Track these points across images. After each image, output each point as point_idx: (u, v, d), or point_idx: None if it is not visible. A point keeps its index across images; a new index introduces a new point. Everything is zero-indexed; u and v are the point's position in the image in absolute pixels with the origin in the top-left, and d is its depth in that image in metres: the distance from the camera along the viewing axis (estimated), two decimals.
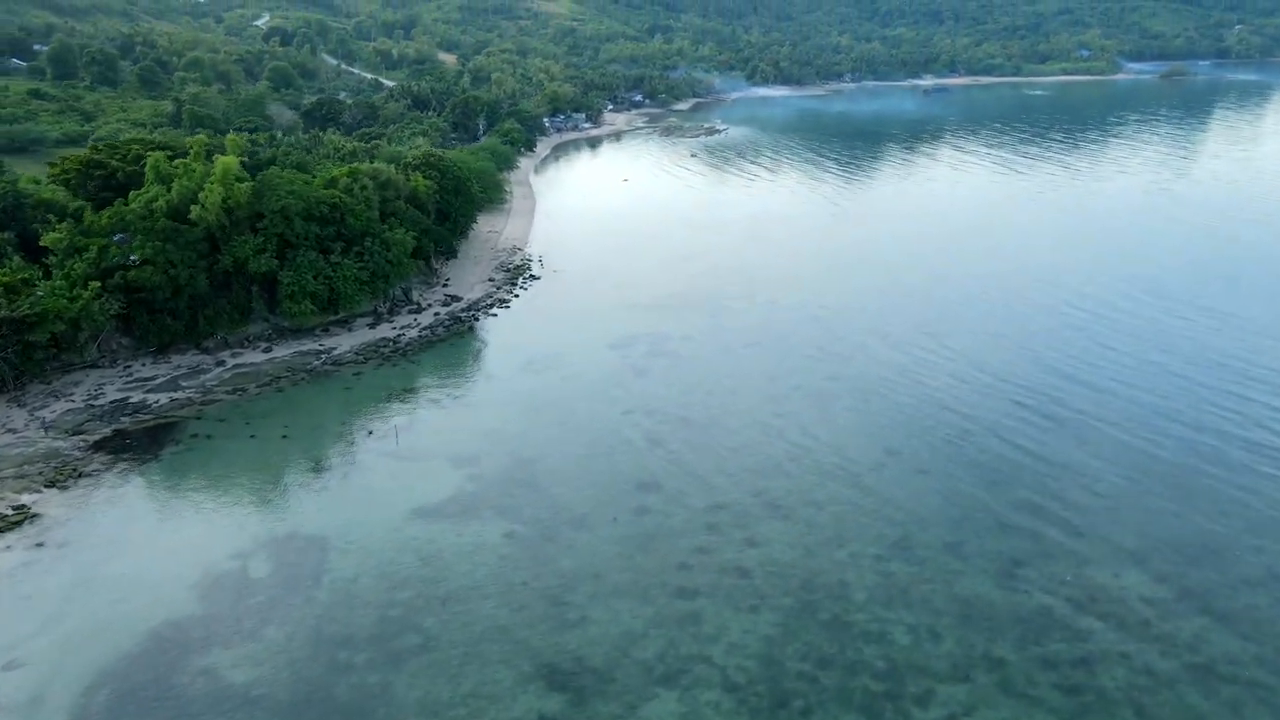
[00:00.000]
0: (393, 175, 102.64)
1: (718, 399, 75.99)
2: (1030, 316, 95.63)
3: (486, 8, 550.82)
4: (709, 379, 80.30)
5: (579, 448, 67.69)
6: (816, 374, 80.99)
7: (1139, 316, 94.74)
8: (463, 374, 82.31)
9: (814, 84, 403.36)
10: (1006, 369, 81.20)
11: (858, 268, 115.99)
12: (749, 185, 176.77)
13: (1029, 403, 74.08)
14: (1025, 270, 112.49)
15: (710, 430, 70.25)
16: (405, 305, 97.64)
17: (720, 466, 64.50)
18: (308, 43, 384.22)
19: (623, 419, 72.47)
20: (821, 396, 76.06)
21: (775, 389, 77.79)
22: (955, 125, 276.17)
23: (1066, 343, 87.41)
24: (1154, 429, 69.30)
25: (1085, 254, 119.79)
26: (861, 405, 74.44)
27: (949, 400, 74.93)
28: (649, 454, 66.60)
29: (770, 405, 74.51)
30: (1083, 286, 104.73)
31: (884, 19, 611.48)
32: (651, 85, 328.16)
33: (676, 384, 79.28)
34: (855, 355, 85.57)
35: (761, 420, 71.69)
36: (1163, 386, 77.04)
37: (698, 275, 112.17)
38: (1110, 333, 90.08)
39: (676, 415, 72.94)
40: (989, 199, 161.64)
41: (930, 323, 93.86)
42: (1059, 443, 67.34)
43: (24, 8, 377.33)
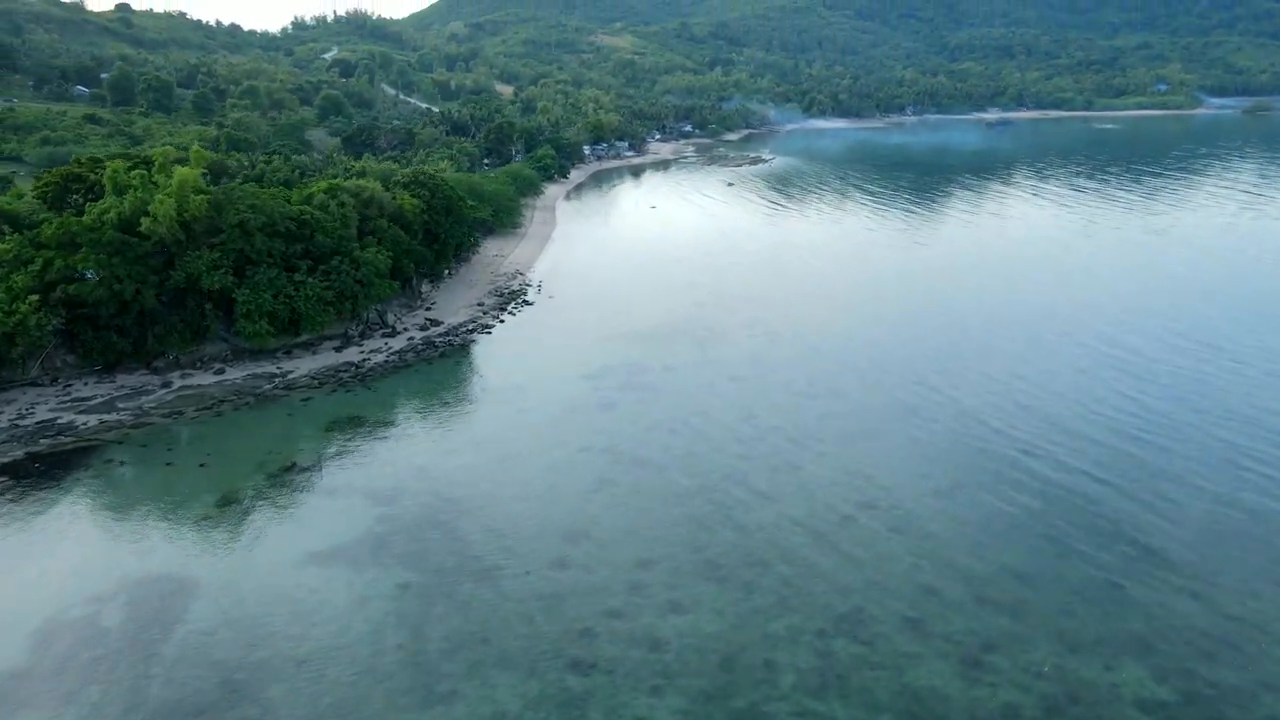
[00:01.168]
0: (377, 193, 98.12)
1: (682, 439, 68.34)
2: (1052, 362, 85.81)
3: (550, 42, 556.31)
4: (679, 415, 72.72)
5: (514, 488, 60.73)
6: (801, 413, 72.77)
7: (1175, 369, 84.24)
8: (415, 403, 76.24)
9: (873, 116, 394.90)
10: (1024, 419, 71.82)
11: (871, 301, 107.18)
12: (777, 214, 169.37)
13: (1039, 453, 64.73)
14: (1049, 310, 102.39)
15: (665, 473, 62.62)
16: (379, 328, 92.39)
17: (665, 515, 56.82)
18: (369, 74, 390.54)
19: (572, 457, 65.41)
20: (799, 440, 67.79)
21: (749, 429, 69.81)
22: (1014, 158, 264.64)
23: (1070, 392, 77.61)
24: (1187, 487, 59.43)
25: (1136, 293, 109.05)
26: (841, 451, 65.95)
27: (942, 452, 65.98)
28: (589, 498, 59.28)
29: (737, 447, 66.57)
30: (1118, 332, 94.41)
31: (952, 54, 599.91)
32: (702, 115, 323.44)
33: (642, 420, 71.91)
34: (850, 394, 77.10)
35: (723, 464, 63.82)
36: (1172, 444, 66.86)
37: (699, 304, 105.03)
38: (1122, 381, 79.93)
39: (631, 455, 65.51)
40: (1033, 233, 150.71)
41: (939, 362, 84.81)
42: (1062, 507, 57.95)
43: (105, 40, 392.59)
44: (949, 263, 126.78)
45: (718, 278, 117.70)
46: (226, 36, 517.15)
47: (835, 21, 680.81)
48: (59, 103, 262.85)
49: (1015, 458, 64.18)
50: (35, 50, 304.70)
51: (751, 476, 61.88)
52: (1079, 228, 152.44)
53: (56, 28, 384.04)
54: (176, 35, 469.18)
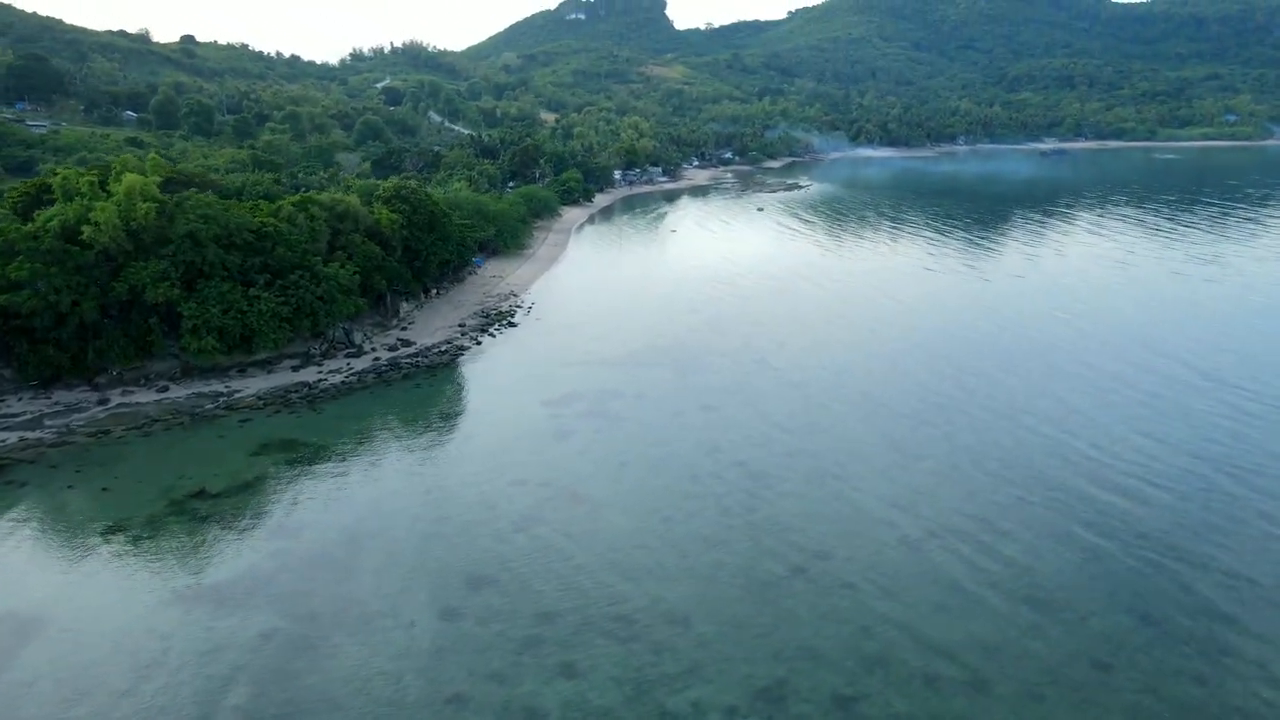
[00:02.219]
0: (352, 206, 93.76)
1: (632, 473, 61.52)
2: (1062, 396, 77.01)
3: (600, 72, 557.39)
4: (637, 447, 65.97)
5: (430, 524, 54.47)
6: (772, 448, 65.38)
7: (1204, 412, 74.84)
8: (356, 428, 70.57)
9: (923, 146, 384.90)
10: (1027, 464, 63.51)
11: (876, 330, 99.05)
12: (797, 240, 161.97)
13: (1043, 503, 56.47)
14: (1063, 343, 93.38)
15: (600, 512, 55.81)
16: (345, 348, 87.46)
17: (586, 561, 50.00)
18: (418, 101, 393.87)
19: (504, 490, 58.97)
20: (762, 477, 60.43)
21: (709, 464, 62.66)
22: (1063, 187, 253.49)
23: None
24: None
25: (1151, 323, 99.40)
26: (805, 491, 58.45)
27: (920, 497, 58.03)
28: (508, 538, 52.71)
29: (690, 484, 59.46)
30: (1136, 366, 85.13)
31: (1010, 85, 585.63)
32: (742, 142, 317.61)
33: (594, 451, 65.30)
34: (832, 428, 69.47)
35: (669, 503, 56.78)
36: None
37: (693, 329, 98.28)
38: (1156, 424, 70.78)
39: (570, 490, 58.86)
40: (1065, 264, 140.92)
41: (937, 398, 76.69)
42: (1050, 568, 49.69)
43: (166, 69, 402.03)
44: (961, 293, 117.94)
45: (719, 302, 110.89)
46: (285, 67, 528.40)
47: (890, 53, 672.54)
48: (106, 126, 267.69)
49: (1010, 506, 55.99)
50: (90, 76, 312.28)
51: (697, 518, 54.73)
52: (1116, 257, 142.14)
53: (120, 57, 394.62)
54: (236, 65, 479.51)
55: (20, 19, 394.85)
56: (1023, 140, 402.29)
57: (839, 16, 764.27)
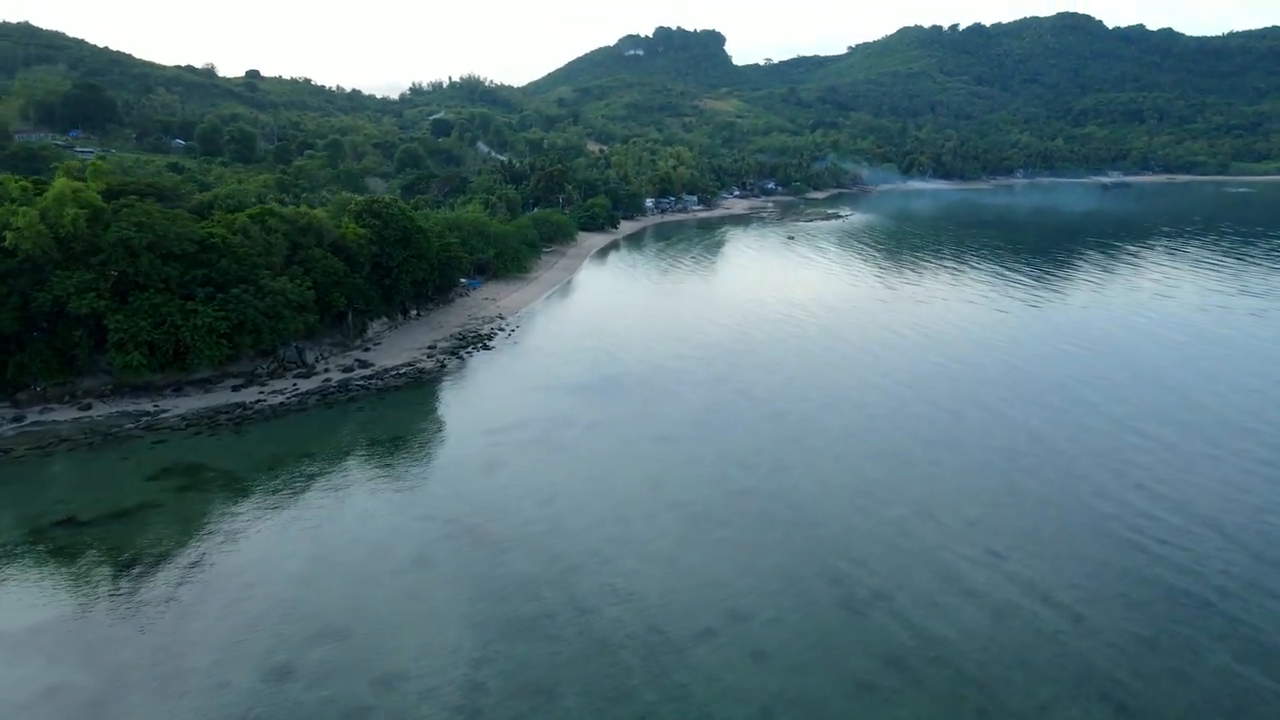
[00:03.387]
0: (316, 219, 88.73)
1: (552, 510, 53.92)
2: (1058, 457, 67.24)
3: (653, 105, 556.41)
4: (571, 481, 58.45)
5: (301, 564, 47.57)
6: (719, 489, 57.23)
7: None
8: (270, 453, 64.15)
9: (979, 179, 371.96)
10: (1011, 537, 54.36)
11: (879, 358, 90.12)
12: (814, 268, 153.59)
13: (997, 569, 47.39)
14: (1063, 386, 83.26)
15: (502, 556, 48.30)
16: (296, 367, 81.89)
17: (464, 611, 42.65)
18: (467, 133, 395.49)
19: (403, 527, 51.90)
20: (698, 521, 52.33)
21: (644, 505, 54.75)
22: (1123, 220, 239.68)
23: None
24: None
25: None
26: (743, 539, 50.12)
27: (870, 554, 49.32)
28: (383, 582, 45.53)
29: (614, 526, 51.64)
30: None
31: (1076, 118, 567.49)
32: (786, 173, 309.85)
33: (522, 485, 57.88)
34: (796, 466, 61.00)
35: (585, 548, 49.04)
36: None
37: (677, 355, 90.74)
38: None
39: (476, 530, 51.53)
40: (1094, 299, 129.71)
41: (924, 435, 67.68)
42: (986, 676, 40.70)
43: (227, 102, 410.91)
44: (977, 326, 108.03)
45: (712, 329, 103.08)
46: (345, 100, 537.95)
47: (951, 87, 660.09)
48: (155, 154, 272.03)
49: (959, 570, 47.02)
50: (145, 106, 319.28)
51: (607, 567, 46.87)
52: (1151, 291, 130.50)
53: (184, 90, 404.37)
54: (297, 99, 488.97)
55: (92, 53, 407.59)
56: (1085, 174, 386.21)
57: (899, 51, 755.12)
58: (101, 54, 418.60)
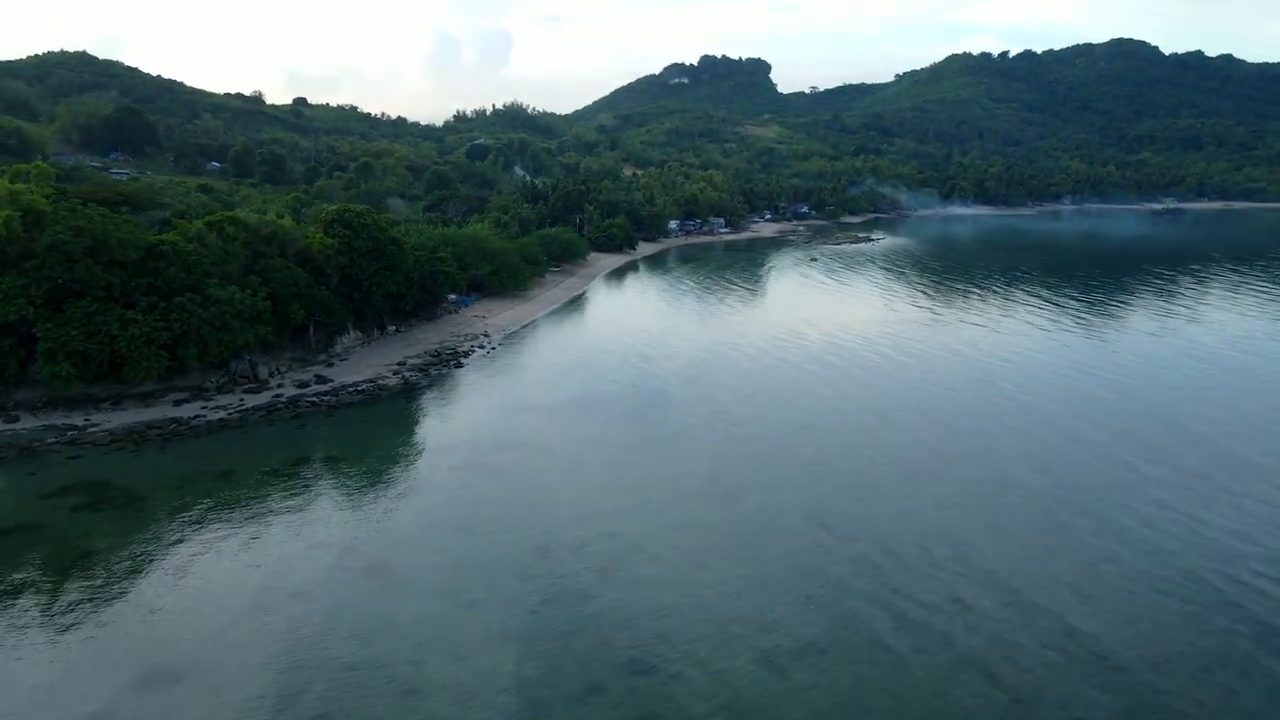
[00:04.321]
0: (281, 229, 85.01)
1: (467, 541, 48.36)
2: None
3: (694, 131, 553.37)
4: (497, 509, 52.86)
5: (161, 592, 42.50)
6: (661, 518, 51.12)
7: None
8: (186, 472, 59.52)
9: (1024, 204, 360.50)
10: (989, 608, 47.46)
11: (873, 382, 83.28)
12: (825, 289, 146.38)
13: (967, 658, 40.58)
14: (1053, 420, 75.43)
15: (391, 591, 42.89)
16: (248, 381, 77.70)
17: (331, 657, 37.03)
18: (499, 156, 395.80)
19: (295, 555, 46.73)
20: (620, 559, 46.22)
21: (571, 535, 48.82)
22: (1170, 247, 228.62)
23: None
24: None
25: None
26: (665, 575, 43.90)
27: (800, 609, 42.82)
28: (246, 618, 40.21)
29: (532, 560, 45.80)
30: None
31: (1130, 145, 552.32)
32: (820, 197, 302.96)
33: (441, 512, 52.48)
34: (751, 497, 54.62)
35: (485, 584, 43.34)
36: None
37: (657, 377, 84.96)
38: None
39: (375, 559, 46.19)
40: (1117, 330, 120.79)
41: (905, 465, 60.86)
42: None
43: (272, 128, 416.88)
44: (968, 350, 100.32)
45: (704, 348, 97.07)
46: (389, 127, 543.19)
47: (1000, 114, 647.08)
48: (190, 175, 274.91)
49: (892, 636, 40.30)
50: (182, 130, 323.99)
51: (511, 606, 41.08)
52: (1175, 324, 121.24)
53: (231, 116, 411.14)
54: (341, 125, 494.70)
55: (143, 80, 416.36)
56: (1136, 200, 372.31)
57: (947, 78, 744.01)
58: (153, 81, 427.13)
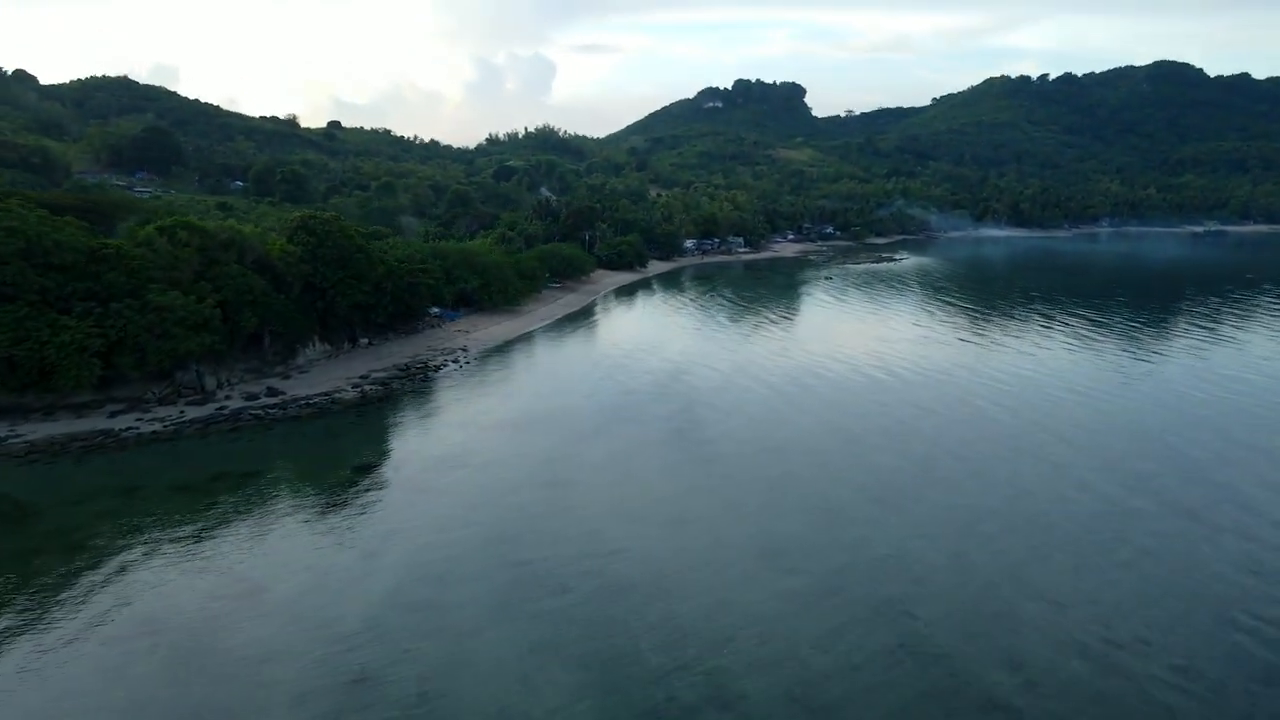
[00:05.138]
0: (240, 234, 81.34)
1: (375, 565, 43.17)
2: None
3: (724, 154, 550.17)
4: (409, 534, 47.65)
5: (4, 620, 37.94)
6: (586, 544, 45.72)
7: None
8: (91, 487, 55.20)
9: (1059, 227, 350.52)
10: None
11: (851, 405, 77.17)
12: (833, 308, 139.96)
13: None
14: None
15: (268, 626, 37.78)
16: (193, 392, 73.70)
17: (153, 696, 32.07)
18: (523, 177, 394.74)
19: (168, 581, 41.87)
20: (517, 589, 40.84)
21: (474, 564, 43.63)
22: (1209, 270, 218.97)
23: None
24: None
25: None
26: (562, 609, 38.45)
27: (718, 652, 37.08)
28: (89, 650, 35.43)
29: (431, 590, 40.58)
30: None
31: (1172, 168, 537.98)
32: (846, 218, 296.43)
33: (346, 535, 47.42)
34: (697, 520, 49.04)
35: (364, 615, 38.10)
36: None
37: (628, 392, 79.55)
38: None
39: (254, 585, 41.19)
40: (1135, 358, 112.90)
41: (871, 493, 54.80)
42: None
43: (304, 150, 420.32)
44: (964, 375, 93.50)
45: (690, 364, 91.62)
46: (421, 150, 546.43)
47: (1039, 137, 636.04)
48: (213, 194, 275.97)
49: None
50: (209, 150, 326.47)
51: (377, 645, 35.78)
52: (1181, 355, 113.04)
53: (264, 138, 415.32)
54: (372, 147, 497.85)
55: (180, 104, 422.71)
56: (1177, 223, 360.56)
57: (985, 101, 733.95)
58: (189, 105, 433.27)
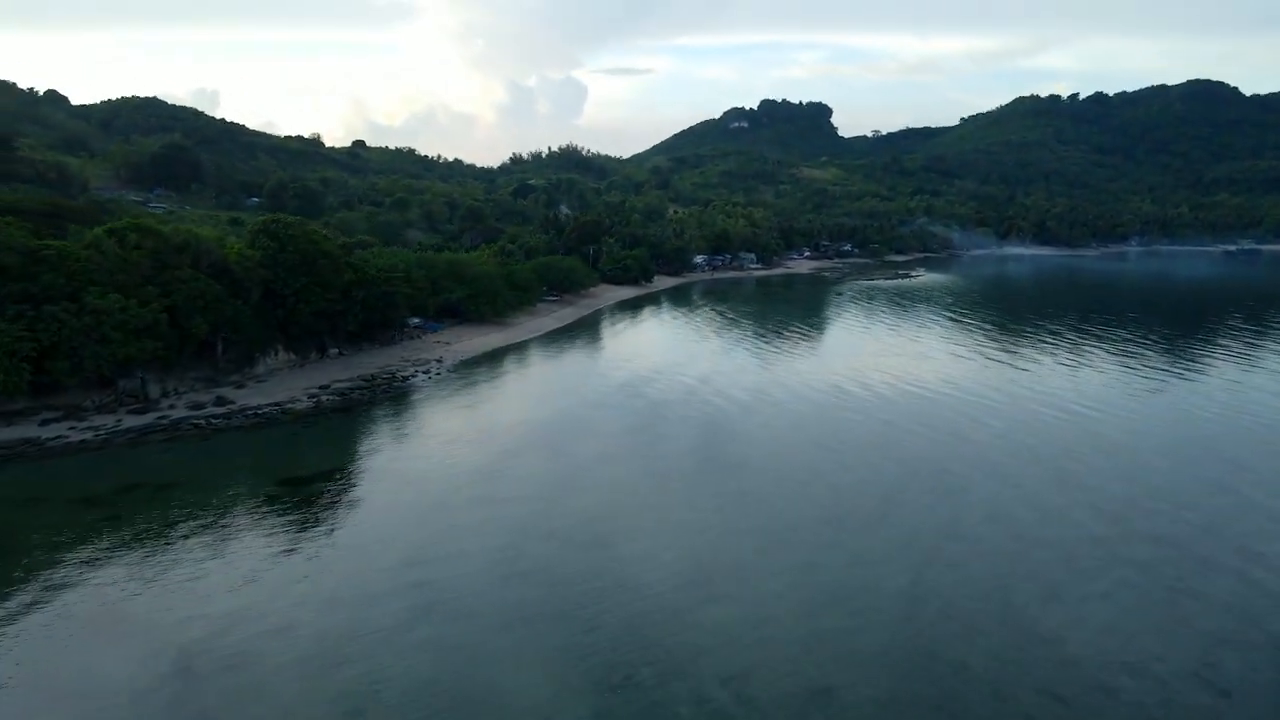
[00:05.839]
0: (196, 237, 78.29)
1: (219, 585, 39.10)
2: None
3: (747, 173, 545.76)
4: (309, 560, 43.58)
5: None
6: (494, 559, 41.23)
7: None
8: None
9: (1087, 245, 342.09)
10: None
11: (820, 432, 72.18)
12: (827, 321, 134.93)
13: None
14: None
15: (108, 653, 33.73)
16: (136, 399, 70.37)
17: None
18: (545, 195, 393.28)
19: (46, 599, 38.02)
20: (398, 628, 36.45)
21: (379, 584, 39.26)
22: (1243, 288, 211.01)
23: None
24: None
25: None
26: (450, 635, 33.96)
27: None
28: None
29: (306, 613, 36.38)
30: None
31: (1206, 187, 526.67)
32: (865, 235, 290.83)
33: (218, 569, 43.38)
34: (623, 541, 44.50)
35: (234, 647, 33.91)
36: None
37: (593, 406, 75.37)
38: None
39: (108, 600, 37.13)
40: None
41: (813, 511, 49.89)
42: None
43: (327, 168, 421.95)
44: (946, 392, 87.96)
45: (676, 380, 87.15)
46: (444, 168, 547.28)
47: (1069, 156, 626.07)
48: (228, 210, 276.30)
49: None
50: (226, 166, 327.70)
51: (238, 672, 31.58)
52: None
53: (288, 157, 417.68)
54: (395, 165, 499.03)
55: (207, 124, 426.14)
56: (1209, 241, 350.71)
57: (1014, 120, 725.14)
58: (215, 124, 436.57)
